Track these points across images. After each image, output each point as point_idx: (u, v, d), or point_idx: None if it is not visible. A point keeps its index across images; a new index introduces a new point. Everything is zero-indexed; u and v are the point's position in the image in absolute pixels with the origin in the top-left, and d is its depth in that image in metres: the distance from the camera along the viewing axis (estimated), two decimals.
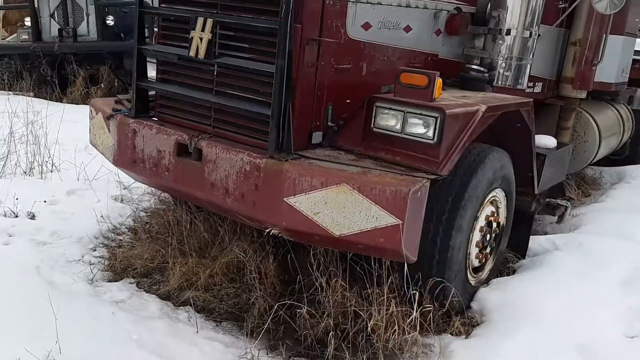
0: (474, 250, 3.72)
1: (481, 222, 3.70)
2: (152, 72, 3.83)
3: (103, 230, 4.58)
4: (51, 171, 5.71)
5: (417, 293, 3.29)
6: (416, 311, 3.14)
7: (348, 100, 3.40)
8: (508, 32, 4.04)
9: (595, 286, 3.83)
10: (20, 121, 6.31)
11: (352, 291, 3.37)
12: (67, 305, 3.22)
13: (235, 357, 3.11)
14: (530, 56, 4.17)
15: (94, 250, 4.30)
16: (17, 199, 4.68)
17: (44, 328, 2.84)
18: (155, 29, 4.74)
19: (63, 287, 3.56)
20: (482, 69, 4.05)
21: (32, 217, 4.63)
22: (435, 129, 3.06)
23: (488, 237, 3.84)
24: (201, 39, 3.21)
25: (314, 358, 3.21)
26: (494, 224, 3.90)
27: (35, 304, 3.07)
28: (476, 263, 3.82)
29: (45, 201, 4.84)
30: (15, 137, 5.92)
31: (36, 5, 10.08)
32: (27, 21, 10.43)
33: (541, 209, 5.58)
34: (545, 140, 4.84)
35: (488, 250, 3.93)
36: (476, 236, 3.68)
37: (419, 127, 3.12)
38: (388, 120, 3.22)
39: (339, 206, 2.89)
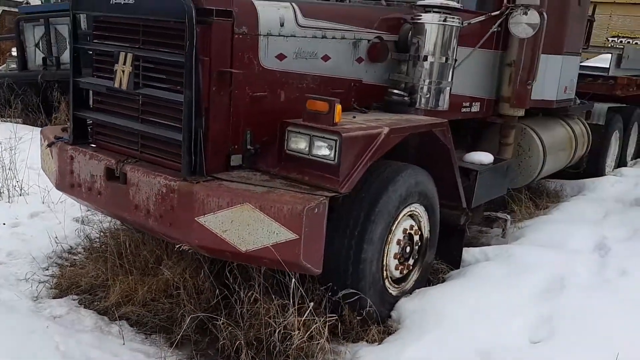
0: (392, 262, 3.93)
1: (398, 235, 3.93)
2: None
3: (58, 251, 4.84)
4: (20, 195, 6.00)
5: (330, 303, 3.53)
6: (321, 320, 3.36)
7: (267, 126, 3.66)
8: (425, 58, 4.32)
9: (511, 294, 4.02)
10: None
11: (272, 302, 3.59)
12: (3, 320, 3.48)
13: None
14: (449, 80, 4.44)
15: (47, 269, 4.55)
16: None
17: None
18: None
19: (5, 303, 3.81)
20: (402, 93, 4.33)
21: None
22: (335, 150, 3.32)
23: (408, 249, 4.06)
24: (123, 71, 3.50)
25: None
26: (416, 237, 4.13)
27: None
28: (397, 274, 4.03)
29: (4, 224, 5.12)
30: None
31: (22, 36, 10.52)
32: (15, 51, 10.86)
33: (482, 222, 5.82)
34: (480, 157, 5.10)
35: (411, 262, 4.16)
36: (393, 249, 3.91)
37: (323, 149, 3.38)
38: (298, 143, 3.49)
39: (244, 224, 3.15)
